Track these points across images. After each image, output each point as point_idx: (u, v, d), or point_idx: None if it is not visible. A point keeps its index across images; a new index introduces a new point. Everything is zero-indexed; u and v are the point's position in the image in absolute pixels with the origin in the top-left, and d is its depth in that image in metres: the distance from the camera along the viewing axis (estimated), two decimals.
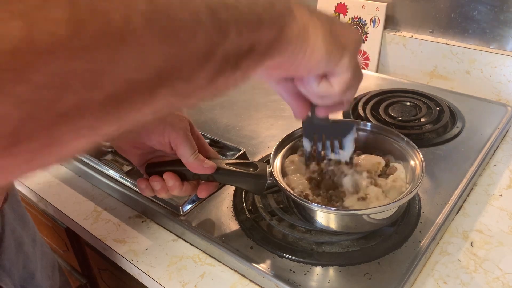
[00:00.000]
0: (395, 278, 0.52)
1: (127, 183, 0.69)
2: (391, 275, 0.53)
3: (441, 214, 0.61)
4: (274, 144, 0.60)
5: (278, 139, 0.61)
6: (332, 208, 0.53)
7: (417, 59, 1.03)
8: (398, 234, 0.57)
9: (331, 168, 0.57)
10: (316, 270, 0.54)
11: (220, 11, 0.25)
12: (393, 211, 0.55)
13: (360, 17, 1.06)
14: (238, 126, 0.85)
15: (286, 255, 0.56)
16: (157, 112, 0.25)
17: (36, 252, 0.64)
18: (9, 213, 0.58)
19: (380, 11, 1.03)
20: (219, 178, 0.55)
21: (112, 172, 0.71)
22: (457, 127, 0.80)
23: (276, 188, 0.56)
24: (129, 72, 0.21)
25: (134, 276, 0.62)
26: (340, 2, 1.08)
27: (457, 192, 0.64)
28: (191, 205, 0.64)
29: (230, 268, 0.58)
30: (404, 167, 0.59)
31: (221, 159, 0.57)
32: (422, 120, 0.83)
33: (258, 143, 0.79)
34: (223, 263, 0.59)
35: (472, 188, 0.69)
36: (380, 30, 1.04)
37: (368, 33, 1.06)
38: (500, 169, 0.73)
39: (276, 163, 0.58)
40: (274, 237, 0.58)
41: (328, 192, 0.56)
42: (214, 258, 0.60)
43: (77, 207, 0.70)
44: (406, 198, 0.52)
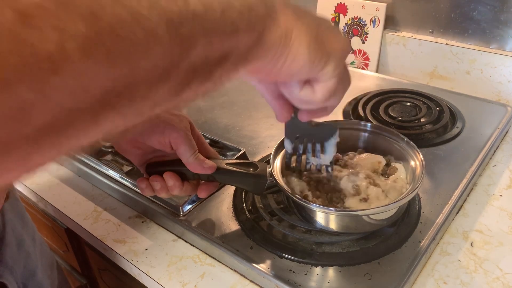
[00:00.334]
0: (395, 278, 0.52)
1: (127, 183, 0.69)
2: (391, 275, 0.53)
3: (441, 214, 0.61)
4: (274, 144, 0.60)
5: (278, 139, 0.61)
6: (332, 209, 0.53)
7: (417, 59, 1.03)
8: (398, 235, 0.57)
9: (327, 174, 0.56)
10: (316, 270, 0.54)
11: (183, 24, 0.23)
12: (393, 211, 0.55)
13: (360, 17, 1.06)
14: (238, 126, 0.85)
15: (286, 255, 0.56)
16: (107, 132, 0.23)
17: (36, 250, 0.64)
18: (9, 211, 0.58)
19: (380, 11, 1.03)
20: (219, 178, 0.55)
21: (112, 172, 0.71)
22: (457, 127, 0.80)
23: (276, 188, 0.56)
24: (64, 102, 0.19)
25: (134, 276, 0.62)
26: (340, 2, 1.08)
27: (457, 192, 0.64)
28: (191, 205, 0.64)
29: (230, 268, 0.58)
30: (404, 167, 0.59)
31: (221, 159, 0.57)
32: (422, 120, 0.83)
33: (258, 143, 0.79)
34: (223, 263, 0.59)
35: (472, 188, 0.69)
36: (380, 30, 1.04)
37: (368, 33, 1.06)
38: (500, 169, 0.73)
39: (276, 163, 0.58)
40: (274, 237, 0.58)
41: (328, 195, 0.56)
42: (214, 258, 0.60)
43: (77, 207, 0.70)
44: (406, 199, 0.52)
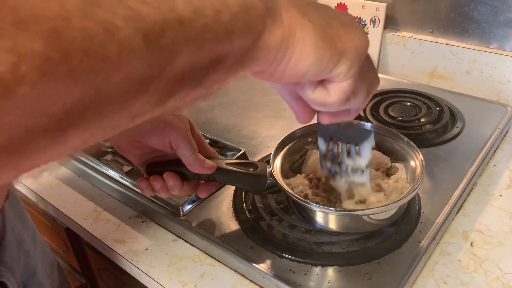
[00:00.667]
0: (395, 278, 0.52)
1: (127, 183, 0.69)
2: (391, 275, 0.53)
3: (441, 214, 0.61)
4: (274, 144, 0.60)
5: (278, 139, 0.61)
6: (332, 209, 0.53)
7: (417, 59, 1.03)
8: (398, 234, 0.57)
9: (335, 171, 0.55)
10: (316, 270, 0.54)
11: (166, 33, 0.21)
12: (393, 211, 0.55)
13: (360, 17, 1.06)
14: (238, 126, 0.85)
15: (286, 255, 0.56)
16: (78, 147, 0.21)
17: (37, 250, 0.64)
18: (9, 211, 0.58)
19: (380, 11, 1.03)
20: (219, 178, 0.55)
21: (112, 172, 0.71)
22: (457, 127, 0.80)
23: (276, 188, 0.56)
24: (17, 122, 0.17)
25: (134, 276, 0.62)
26: (340, 2, 1.08)
27: (457, 192, 0.64)
28: (191, 205, 0.64)
29: (230, 268, 0.58)
30: (404, 167, 0.59)
31: (221, 159, 0.57)
32: (422, 120, 0.83)
33: (258, 143, 0.79)
34: (223, 263, 0.59)
35: (472, 188, 0.69)
36: (380, 30, 1.04)
37: (368, 33, 1.06)
38: (500, 169, 0.73)
39: (276, 163, 0.58)
40: (274, 237, 0.58)
41: (325, 193, 0.56)
42: (214, 258, 0.60)
43: (77, 207, 0.70)
44: (406, 199, 0.52)
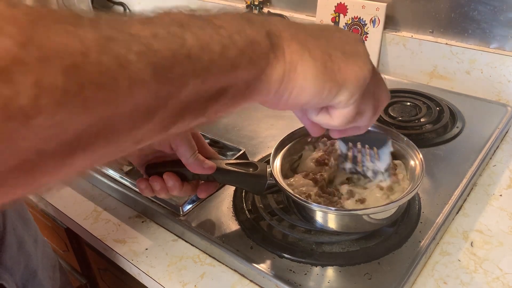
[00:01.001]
0: (395, 278, 0.52)
1: (127, 183, 0.69)
2: (391, 275, 0.53)
3: (441, 214, 0.61)
4: (274, 144, 0.60)
5: (278, 139, 0.61)
6: (332, 208, 0.53)
7: (417, 59, 1.03)
8: (398, 234, 0.57)
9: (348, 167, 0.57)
10: (316, 270, 0.54)
11: (174, 67, 0.22)
12: (393, 211, 0.55)
13: (360, 17, 1.06)
14: (238, 126, 0.85)
15: (286, 255, 0.56)
16: (82, 171, 0.22)
17: (38, 251, 0.64)
18: (10, 212, 0.58)
19: (380, 11, 1.03)
20: (219, 178, 0.55)
21: (112, 172, 0.71)
22: (457, 127, 0.80)
23: (276, 188, 0.56)
24: (31, 147, 0.18)
25: (134, 276, 0.62)
26: (340, 2, 1.08)
27: (457, 192, 0.64)
28: (191, 205, 0.64)
29: (230, 268, 0.58)
30: (404, 167, 0.59)
31: (221, 159, 0.57)
32: (422, 120, 0.83)
33: (258, 143, 0.79)
34: (223, 263, 0.59)
35: (472, 188, 0.69)
36: (380, 30, 1.04)
37: (368, 33, 1.06)
38: (500, 169, 0.73)
39: (276, 163, 0.58)
40: (274, 237, 0.58)
41: (327, 194, 0.56)
42: (214, 258, 0.60)
43: (77, 207, 0.70)
44: (406, 198, 0.52)
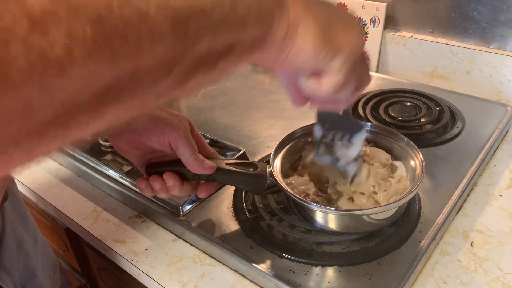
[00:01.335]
0: (395, 278, 0.52)
1: (127, 183, 0.69)
2: (391, 275, 0.53)
3: (441, 214, 0.61)
4: (274, 144, 0.60)
5: (278, 139, 0.61)
6: (332, 208, 0.53)
7: (417, 59, 1.03)
8: (398, 234, 0.57)
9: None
10: (316, 270, 0.54)
11: (190, 22, 0.24)
12: (393, 211, 0.55)
13: (360, 17, 1.06)
14: (238, 126, 0.85)
15: (286, 255, 0.56)
16: (111, 123, 0.24)
17: (37, 251, 0.64)
18: (10, 212, 0.58)
19: (380, 11, 1.03)
20: (219, 178, 0.55)
21: (112, 172, 0.71)
22: (457, 127, 0.80)
23: (276, 188, 0.56)
24: (67, 98, 0.20)
25: (134, 276, 0.62)
26: (340, 2, 1.08)
27: (457, 192, 0.64)
28: (191, 205, 0.64)
29: (230, 268, 0.58)
30: (404, 167, 0.59)
31: (221, 159, 0.57)
32: (422, 120, 0.83)
33: (258, 143, 0.79)
34: (223, 263, 0.59)
35: (472, 188, 0.69)
36: (380, 30, 1.04)
37: (368, 33, 1.06)
38: (500, 169, 0.73)
39: (276, 163, 0.58)
40: (274, 237, 0.58)
41: (326, 194, 0.56)
42: (214, 258, 0.60)
43: (77, 207, 0.70)
44: (406, 198, 0.52)
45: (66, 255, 0.89)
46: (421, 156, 0.57)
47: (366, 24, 1.06)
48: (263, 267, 0.55)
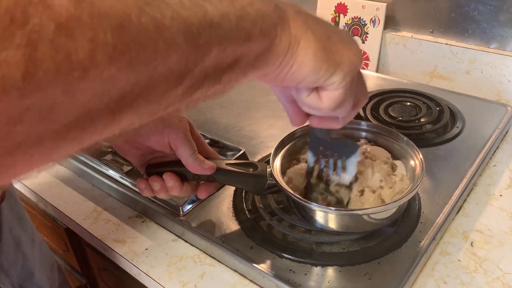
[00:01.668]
0: (395, 278, 0.52)
1: (127, 183, 0.69)
2: (391, 275, 0.53)
3: (441, 214, 0.61)
4: (274, 144, 0.60)
5: (278, 139, 0.61)
6: (332, 208, 0.53)
7: (417, 59, 1.03)
8: (398, 234, 0.57)
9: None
10: (316, 270, 0.54)
11: (201, 34, 0.25)
12: (393, 211, 0.55)
13: (360, 17, 1.06)
14: (238, 126, 0.85)
15: (286, 255, 0.56)
16: (124, 129, 0.25)
17: (35, 251, 0.64)
18: (7, 212, 0.58)
19: (380, 11, 1.03)
20: (219, 178, 0.55)
21: (112, 172, 0.71)
22: (457, 127, 0.80)
23: (276, 188, 0.56)
24: (87, 102, 0.21)
25: (134, 276, 0.62)
26: (340, 2, 1.08)
27: (457, 192, 0.64)
28: (191, 205, 0.64)
29: (230, 268, 0.58)
30: (404, 167, 0.59)
31: (221, 159, 0.57)
32: (422, 120, 0.83)
33: (258, 143, 0.79)
34: (223, 263, 0.59)
35: (472, 188, 0.69)
36: (380, 30, 1.04)
37: (368, 33, 1.06)
38: (500, 169, 0.73)
39: (276, 163, 0.58)
40: (274, 237, 0.58)
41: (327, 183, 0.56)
42: (214, 258, 0.60)
43: (77, 207, 0.70)
44: (406, 198, 0.52)
45: (66, 255, 0.90)
46: (421, 156, 0.57)
47: (366, 24, 1.06)
48: (263, 267, 0.55)
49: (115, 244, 0.63)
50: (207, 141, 0.70)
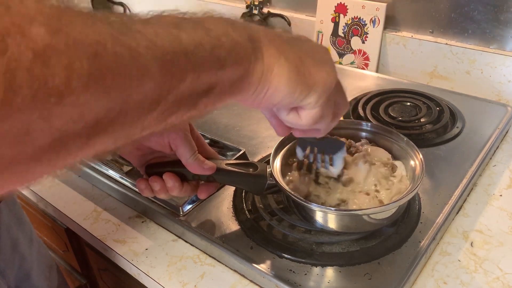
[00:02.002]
0: (395, 278, 0.52)
1: (127, 183, 0.69)
2: (391, 275, 0.53)
3: (441, 214, 0.61)
4: (274, 144, 0.60)
5: (278, 139, 0.61)
6: (332, 209, 0.53)
7: (417, 59, 1.03)
8: (398, 234, 0.57)
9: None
10: (316, 270, 0.54)
11: (175, 62, 0.26)
12: (393, 211, 0.55)
13: (360, 17, 1.06)
14: (238, 126, 0.85)
15: (286, 255, 0.56)
16: (99, 152, 0.25)
17: (33, 252, 0.63)
18: (5, 213, 0.58)
19: (380, 11, 1.03)
20: (219, 178, 0.55)
21: (112, 172, 0.71)
22: (457, 127, 0.80)
23: (276, 188, 0.56)
24: (62, 126, 0.21)
25: (134, 276, 0.62)
26: (340, 2, 1.08)
27: (457, 192, 0.64)
28: (191, 205, 0.64)
29: (230, 268, 0.58)
30: (404, 167, 0.59)
31: (221, 159, 0.56)
32: (422, 120, 0.83)
33: (258, 143, 0.79)
34: (223, 263, 0.59)
35: (472, 188, 0.69)
36: (380, 30, 1.04)
37: (368, 33, 1.06)
38: (500, 169, 0.73)
39: (276, 163, 0.58)
40: (274, 237, 0.58)
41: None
42: (214, 258, 0.60)
43: (77, 207, 0.70)
44: (406, 198, 0.52)
45: (66, 255, 0.90)
46: (421, 156, 0.57)
47: (366, 24, 1.06)
48: (263, 267, 0.55)
49: (115, 244, 0.63)
50: (207, 141, 0.70)
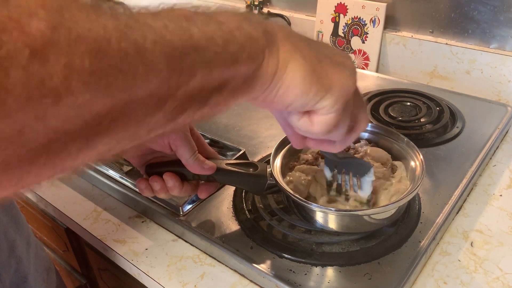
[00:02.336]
0: (395, 278, 0.52)
1: (127, 183, 0.69)
2: (391, 275, 0.53)
3: (441, 214, 0.61)
4: (274, 144, 0.60)
5: (278, 139, 0.61)
6: (332, 209, 0.53)
7: (417, 59, 1.03)
8: (398, 234, 0.57)
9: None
10: (316, 270, 0.54)
11: (184, 57, 0.24)
12: (393, 211, 0.55)
13: (360, 17, 1.06)
14: (238, 126, 0.85)
15: (286, 255, 0.56)
16: (102, 154, 0.24)
17: (30, 254, 0.63)
18: (2, 216, 0.58)
19: (380, 11, 1.03)
20: (219, 178, 0.55)
21: (112, 172, 0.71)
22: (457, 127, 0.80)
23: (276, 188, 0.56)
24: (59, 127, 0.20)
25: (134, 276, 0.62)
26: (340, 2, 1.08)
27: (457, 192, 0.64)
28: (191, 205, 0.64)
29: (230, 268, 0.58)
30: (404, 167, 0.59)
31: (221, 159, 0.56)
32: (422, 120, 0.83)
33: (258, 143, 0.79)
34: (223, 263, 0.59)
35: (472, 188, 0.69)
36: (380, 30, 1.04)
37: (368, 33, 1.06)
38: (500, 169, 0.73)
39: (276, 163, 0.58)
40: (274, 237, 0.58)
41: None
42: (214, 258, 0.60)
43: (77, 207, 0.70)
44: (406, 199, 0.52)
45: (66, 255, 0.90)
46: (421, 156, 0.57)
47: (366, 24, 1.06)
48: (263, 267, 0.55)
49: (115, 244, 0.63)
50: (207, 141, 0.70)
